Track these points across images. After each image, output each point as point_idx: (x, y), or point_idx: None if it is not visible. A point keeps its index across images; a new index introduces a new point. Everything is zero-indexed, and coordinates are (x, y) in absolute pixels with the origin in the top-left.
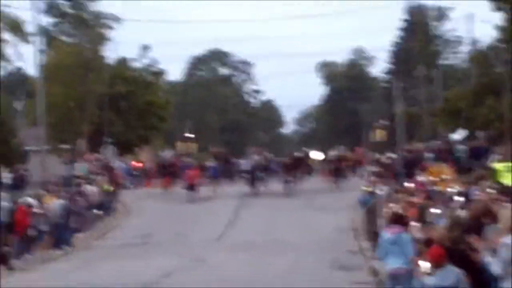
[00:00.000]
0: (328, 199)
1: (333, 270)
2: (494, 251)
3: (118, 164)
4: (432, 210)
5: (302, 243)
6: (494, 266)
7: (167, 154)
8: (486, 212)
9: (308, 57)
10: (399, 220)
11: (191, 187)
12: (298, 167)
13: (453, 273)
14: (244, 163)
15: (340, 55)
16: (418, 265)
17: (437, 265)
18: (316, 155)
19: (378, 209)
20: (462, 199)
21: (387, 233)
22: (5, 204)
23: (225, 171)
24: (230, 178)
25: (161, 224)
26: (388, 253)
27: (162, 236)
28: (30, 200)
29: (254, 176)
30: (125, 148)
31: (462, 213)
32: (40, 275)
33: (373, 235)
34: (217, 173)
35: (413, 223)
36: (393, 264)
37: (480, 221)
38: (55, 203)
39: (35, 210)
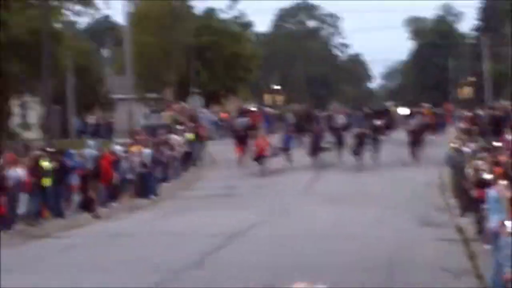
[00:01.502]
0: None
1: (419, 226)
2: None
3: (205, 114)
4: None
5: (389, 198)
6: None
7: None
8: None
9: (396, 12)
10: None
11: (259, 159)
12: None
13: None
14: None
15: (429, 11)
16: (503, 224)
17: None
18: (403, 110)
19: (465, 166)
20: None
21: (493, 191)
22: (92, 151)
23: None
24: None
25: (244, 177)
26: (493, 210)
27: (247, 189)
28: (116, 148)
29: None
30: (212, 98)
31: None
32: (125, 223)
33: (460, 192)
34: (289, 142)
35: (500, 182)
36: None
37: None
38: (141, 152)
39: (120, 158)
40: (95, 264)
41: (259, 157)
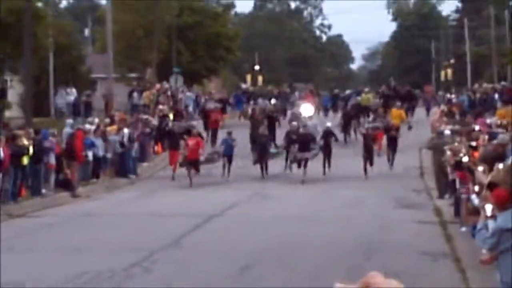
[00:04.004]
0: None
1: (397, 208)
2: None
3: (187, 94)
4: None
5: (368, 180)
6: None
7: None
8: None
9: None
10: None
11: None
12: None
13: None
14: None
15: None
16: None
17: (501, 207)
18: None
19: (444, 148)
20: None
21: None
22: (68, 130)
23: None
24: None
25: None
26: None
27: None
28: (88, 126)
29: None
30: (193, 78)
31: None
32: (103, 202)
33: (439, 175)
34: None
35: (478, 168)
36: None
37: None
38: (119, 131)
39: (95, 137)
40: (71, 244)
41: (190, 162)
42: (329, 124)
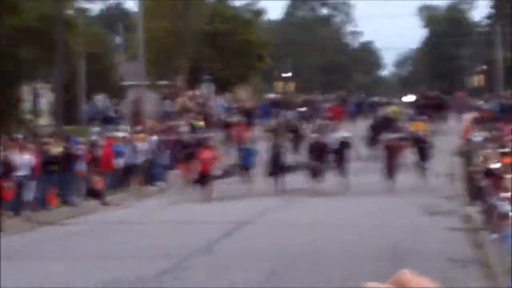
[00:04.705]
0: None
1: (426, 214)
2: None
3: (216, 101)
4: None
5: (396, 187)
6: None
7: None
8: None
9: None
10: None
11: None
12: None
13: None
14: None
15: None
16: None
17: None
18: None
19: (474, 155)
20: None
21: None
22: (98, 138)
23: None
24: None
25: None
26: None
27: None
28: (119, 134)
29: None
30: (224, 85)
31: None
32: (133, 210)
33: (469, 181)
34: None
35: (507, 175)
36: None
37: None
38: (148, 139)
39: (124, 144)
40: (101, 251)
41: (203, 176)
42: (345, 134)
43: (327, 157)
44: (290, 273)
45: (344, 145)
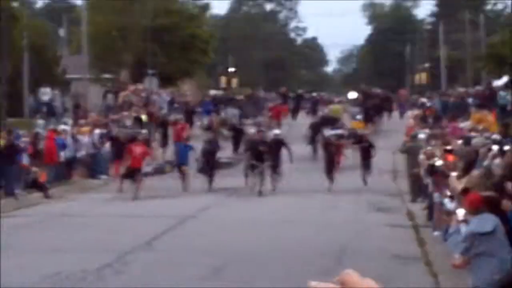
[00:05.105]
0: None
1: (370, 211)
2: None
3: (162, 96)
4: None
5: (337, 185)
6: None
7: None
8: None
9: None
10: None
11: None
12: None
13: (490, 219)
14: None
15: None
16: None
17: (474, 211)
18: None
19: (418, 153)
20: (496, 147)
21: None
22: (41, 131)
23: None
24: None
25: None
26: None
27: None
28: (62, 127)
29: None
30: (167, 80)
31: (497, 162)
32: (76, 203)
33: (413, 178)
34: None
35: (452, 173)
36: None
37: None
38: (91, 132)
39: (66, 137)
40: (44, 244)
41: (132, 172)
42: (277, 131)
43: (264, 155)
44: (232, 270)
45: (277, 143)
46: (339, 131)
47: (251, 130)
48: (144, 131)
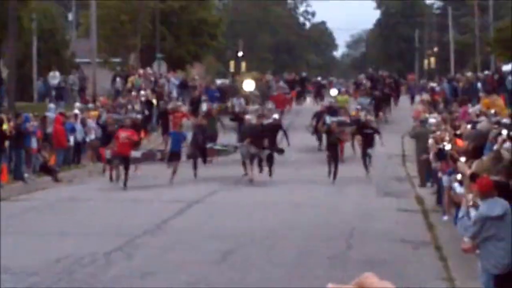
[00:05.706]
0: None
1: (378, 196)
2: None
3: (171, 80)
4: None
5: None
6: None
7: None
8: None
9: None
10: None
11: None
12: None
13: (500, 203)
14: None
15: None
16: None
17: (485, 195)
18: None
19: (427, 137)
20: (506, 132)
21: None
22: (51, 115)
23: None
24: None
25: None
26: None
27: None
28: (75, 111)
29: None
30: (176, 64)
31: (507, 146)
32: (85, 187)
33: (421, 163)
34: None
35: (461, 158)
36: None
37: None
38: (100, 116)
39: (76, 121)
40: (53, 228)
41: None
42: (276, 116)
43: (263, 141)
44: (241, 254)
45: (275, 126)
46: (341, 118)
47: (249, 116)
48: (139, 116)
